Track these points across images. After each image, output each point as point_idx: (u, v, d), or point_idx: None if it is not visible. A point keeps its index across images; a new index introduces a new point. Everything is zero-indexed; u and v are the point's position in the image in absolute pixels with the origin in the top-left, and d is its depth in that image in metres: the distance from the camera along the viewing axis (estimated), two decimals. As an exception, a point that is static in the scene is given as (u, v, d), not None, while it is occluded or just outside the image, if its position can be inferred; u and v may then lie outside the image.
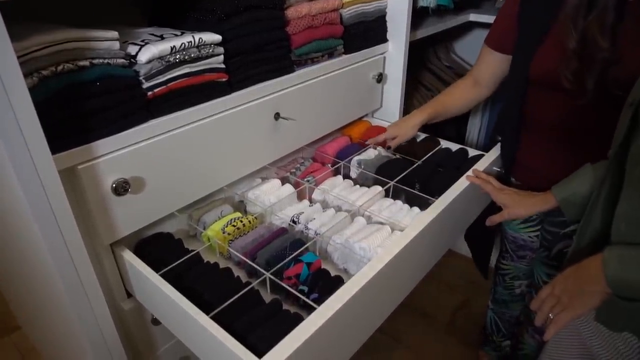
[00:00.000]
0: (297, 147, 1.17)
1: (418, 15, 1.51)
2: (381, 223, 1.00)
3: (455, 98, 1.25)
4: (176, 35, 0.84)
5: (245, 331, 0.72)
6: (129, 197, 0.81)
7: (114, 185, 0.78)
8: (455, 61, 1.95)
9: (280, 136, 1.09)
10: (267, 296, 0.85)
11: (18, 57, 0.60)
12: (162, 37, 0.83)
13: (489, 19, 1.57)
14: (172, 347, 1.03)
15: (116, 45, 0.76)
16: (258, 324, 0.76)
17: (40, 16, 0.83)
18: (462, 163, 1.23)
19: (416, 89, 1.70)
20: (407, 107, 1.56)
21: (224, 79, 0.92)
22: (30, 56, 0.66)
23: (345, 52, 1.21)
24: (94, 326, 0.83)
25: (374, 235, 0.93)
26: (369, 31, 1.26)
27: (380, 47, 1.31)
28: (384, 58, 1.35)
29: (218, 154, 0.96)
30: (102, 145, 0.76)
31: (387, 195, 1.11)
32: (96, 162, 0.75)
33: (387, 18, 1.30)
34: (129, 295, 0.93)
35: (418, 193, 1.07)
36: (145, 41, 0.81)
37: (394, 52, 1.34)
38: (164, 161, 0.86)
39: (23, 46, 0.65)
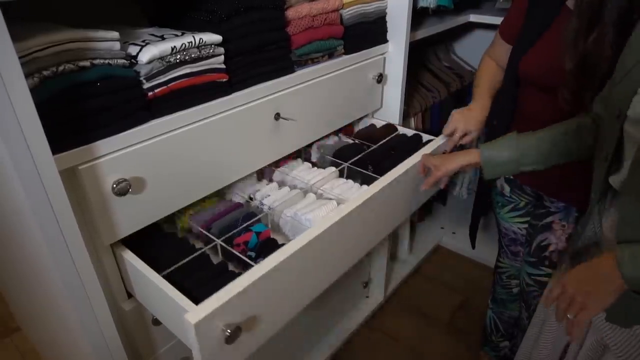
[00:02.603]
0: (298, 147, 1.17)
1: (418, 16, 1.51)
2: (330, 199, 1.06)
3: (494, 75, 1.22)
4: (177, 35, 0.84)
5: (192, 288, 0.78)
6: (130, 197, 0.81)
7: (114, 186, 0.78)
8: (455, 62, 1.95)
9: (281, 136, 1.09)
10: (218, 261, 0.90)
11: (19, 58, 0.60)
12: (162, 38, 0.83)
13: (489, 19, 1.58)
14: (173, 348, 1.03)
15: (117, 45, 0.76)
16: (205, 281, 0.82)
17: (41, 16, 0.83)
18: (415, 147, 1.26)
19: (416, 89, 1.70)
20: (407, 108, 1.57)
21: (224, 79, 0.92)
22: (31, 56, 0.66)
23: (346, 53, 1.22)
24: (94, 327, 0.83)
25: (320, 208, 0.99)
26: (369, 32, 1.26)
27: (381, 48, 1.31)
28: (384, 58, 1.35)
29: (218, 154, 0.96)
30: (103, 145, 0.76)
31: (341, 176, 1.18)
32: (97, 163, 0.75)
33: (387, 18, 1.30)
34: (130, 295, 0.93)
35: (370, 173, 1.12)
36: (146, 41, 0.81)
37: (394, 53, 1.34)
38: (165, 161, 0.86)
39: (24, 47, 0.65)
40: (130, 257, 0.85)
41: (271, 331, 0.84)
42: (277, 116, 1.05)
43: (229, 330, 0.70)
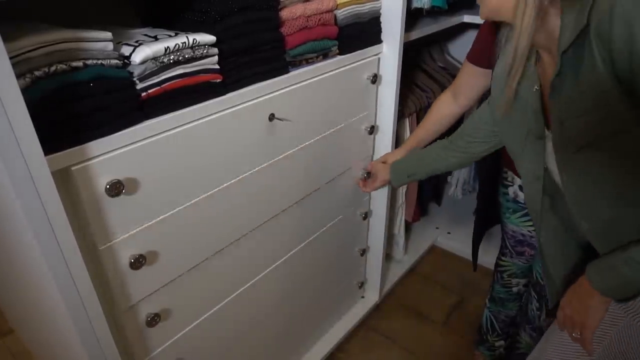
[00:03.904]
0: (292, 148, 1.16)
1: (412, 17, 1.52)
2: None
3: (435, 121, 1.31)
4: (170, 36, 0.84)
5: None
6: (123, 198, 0.81)
7: (107, 187, 0.77)
8: (450, 62, 1.96)
9: (276, 137, 1.09)
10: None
11: (11, 58, 0.59)
12: (156, 38, 0.83)
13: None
14: (168, 349, 1.02)
15: (110, 46, 0.76)
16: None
17: (33, 16, 0.83)
18: None
19: (411, 90, 1.70)
20: (402, 108, 1.57)
21: (218, 80, 0.92)
22: (23, 57, 0.66)
23: (340, 53, 1.22)
24: (87, 329, 0.83)
25: None
26: (363, 32, 1.26)
27: (375, 48, 1.32)
28: (379, 59, 1.35)
29: (213, 155, 0.95)
30: (96, 146, 0.75)
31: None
32: (90, 163, 0.75)
33: (382, 19, 1.30)
34: (124, 297, 0.92)
35: None
36: (139, 42, 0.80)
37: (388, 53, 1.34)
38: (158, 162, 0.85)
39: (16, 47, 0.65)
40: (123, 259, 0.85)
41: (175, 271, 0.97)
42: (272, 117, 1.05)
43: (132, 259, 0.85)
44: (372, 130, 1.42)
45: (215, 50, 0.89)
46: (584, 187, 0.76)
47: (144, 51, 0.78)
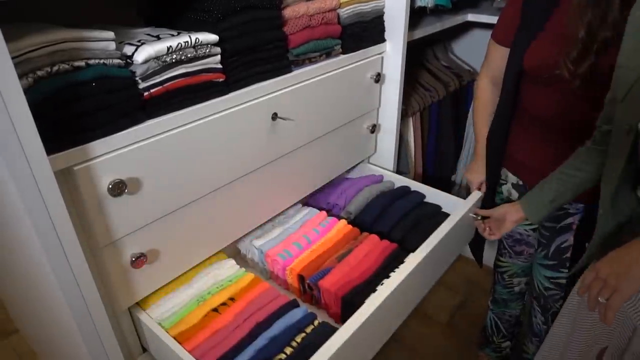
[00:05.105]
0: (295, 147, 1.16)
1: (416, 15, 1.51)
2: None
3: (488, 110, 1.25)
4: (172, 35, 0.84)
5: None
6: (126, 198, 0.81)
7: (110, 186, 0.77)
8: (454, 61, 1.95)
9: (278, 136, 1.09)
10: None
11: (13, 58, 0.59)
12: (158, 37, 0.83)
13: (487, 18, 1.57)
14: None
15: (112, 45, 0.76)
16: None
17: (35, 16, 0.83)
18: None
19: (414, 89, 1.70)
20: (406, 107, 1.57)
21: (221, 79, 0.92)
22: (25, 57, 0.66)
23: (343, 52, 1.21)
24: (90, 328, 0.83)
25: None
26: (366, 31, 1.25)
27: (378, 47, 1.31)
28: (382, 58, 1.34)
29: (215, 154, 0.95)
30: (98, 145, 0.75)
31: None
32: (92, 163, 0.75)
33: (385, 18, 1.30)
34: (127, 297, 0.92)
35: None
36: (142, 41, 0.80)
37: (392, 52, 1.34)
38: (161, 162, 0.85)
39: (18, 47, 0.65)
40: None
41: (177, 269, 0.98)
42: (275, 116, 1.05)
43: (134, 257, 0.85)
44: (374, 129, 1.42)
45: (218, 49, 0.89)
46: None
47: (146, 50, 0.78)
